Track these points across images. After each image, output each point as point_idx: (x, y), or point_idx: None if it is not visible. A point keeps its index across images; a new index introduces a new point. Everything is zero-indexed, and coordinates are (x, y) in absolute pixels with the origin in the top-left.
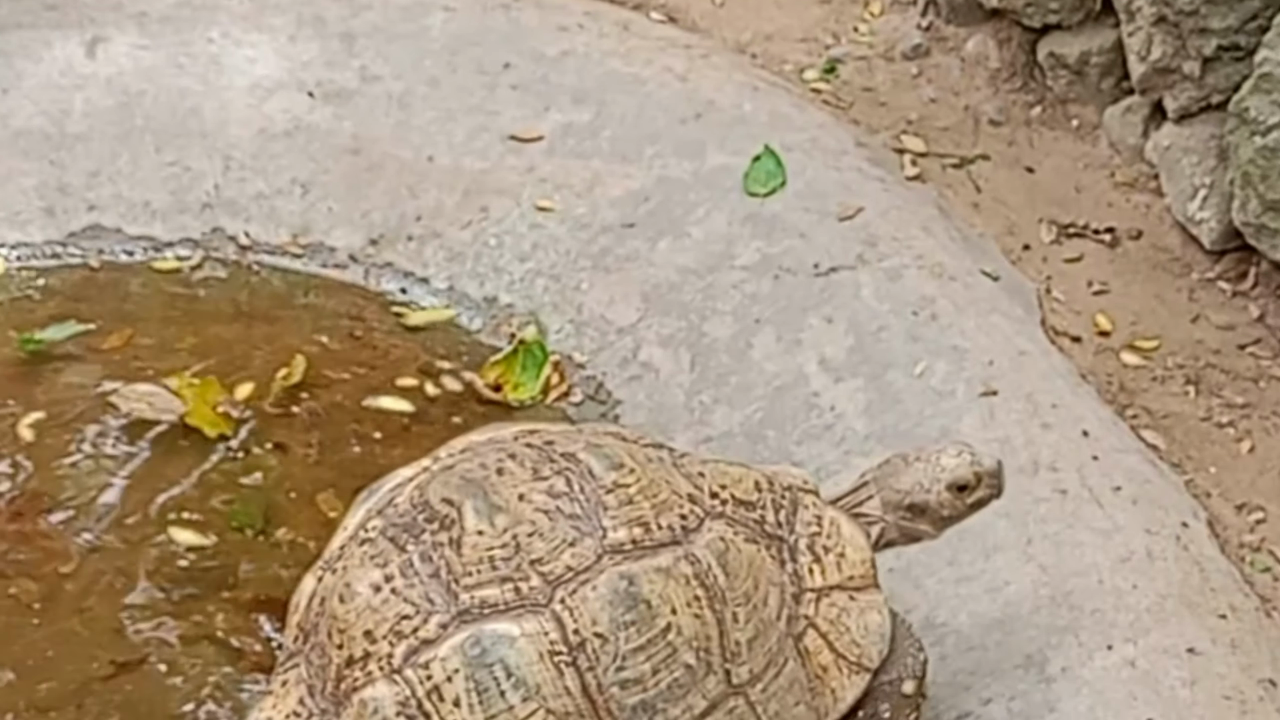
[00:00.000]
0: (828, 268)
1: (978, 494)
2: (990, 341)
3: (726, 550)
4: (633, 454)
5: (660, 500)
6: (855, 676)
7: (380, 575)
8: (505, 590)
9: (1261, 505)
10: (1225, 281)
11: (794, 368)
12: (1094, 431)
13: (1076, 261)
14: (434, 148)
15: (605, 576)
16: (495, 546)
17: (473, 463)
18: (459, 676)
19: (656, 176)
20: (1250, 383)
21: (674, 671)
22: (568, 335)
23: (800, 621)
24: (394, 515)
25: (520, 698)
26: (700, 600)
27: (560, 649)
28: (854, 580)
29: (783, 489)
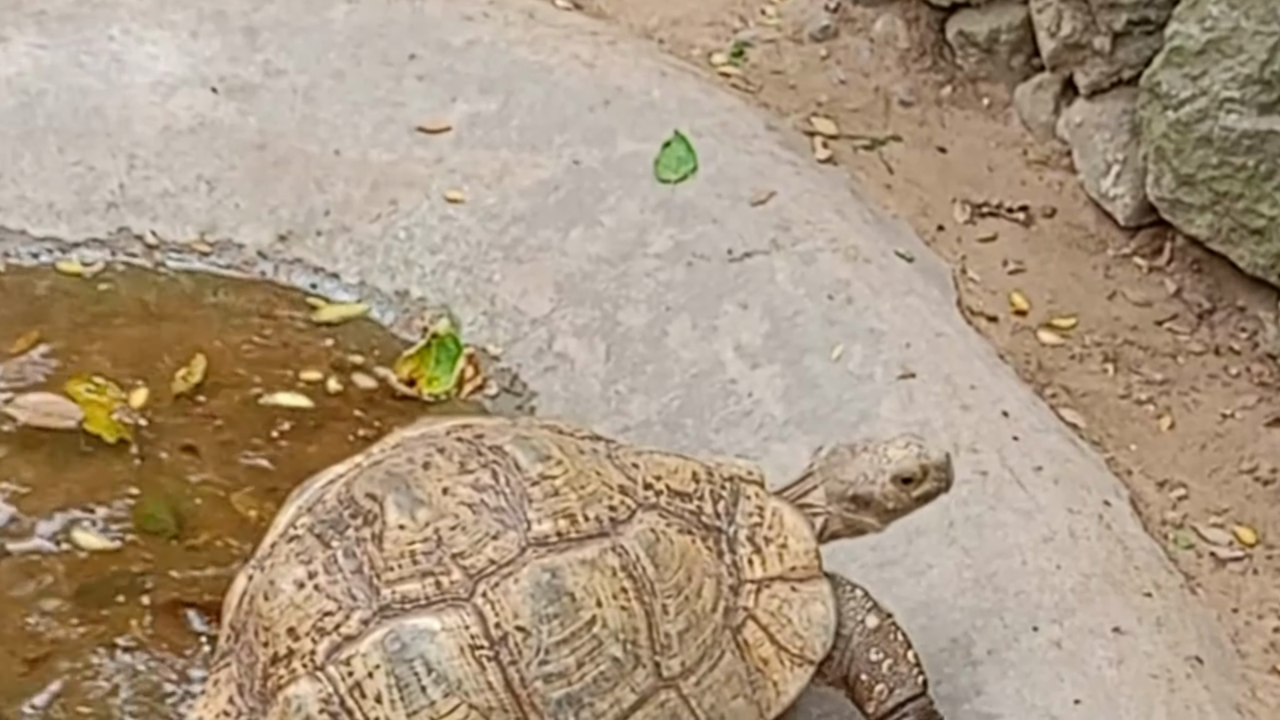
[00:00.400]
0: (741, 253)
1: (924, 487)
2: (907, 323)
3: (656, 541)
4: (563, 446)
5: (589, 492)
6: (798, 669)
7: (304, 572)
8: (426, 585)
9: (1183, 482)
10: (1141, 257)
11: (710, 355)
12: (1014, 412)
13: (991, 241)
14: (341, 141)
15: (528, 569)
16: (416, 541)
17: (400, 458)
18: (380, 672)
19: (566, 165)
20: (1168, 359)
21: (600, 665)
22: (481, 327)
23: (739, 613)
24: (322, 512)
25: (441, 693)
26: (627, 592)
27: (482, 643)
28: (796, 571)
29: (723, 480)
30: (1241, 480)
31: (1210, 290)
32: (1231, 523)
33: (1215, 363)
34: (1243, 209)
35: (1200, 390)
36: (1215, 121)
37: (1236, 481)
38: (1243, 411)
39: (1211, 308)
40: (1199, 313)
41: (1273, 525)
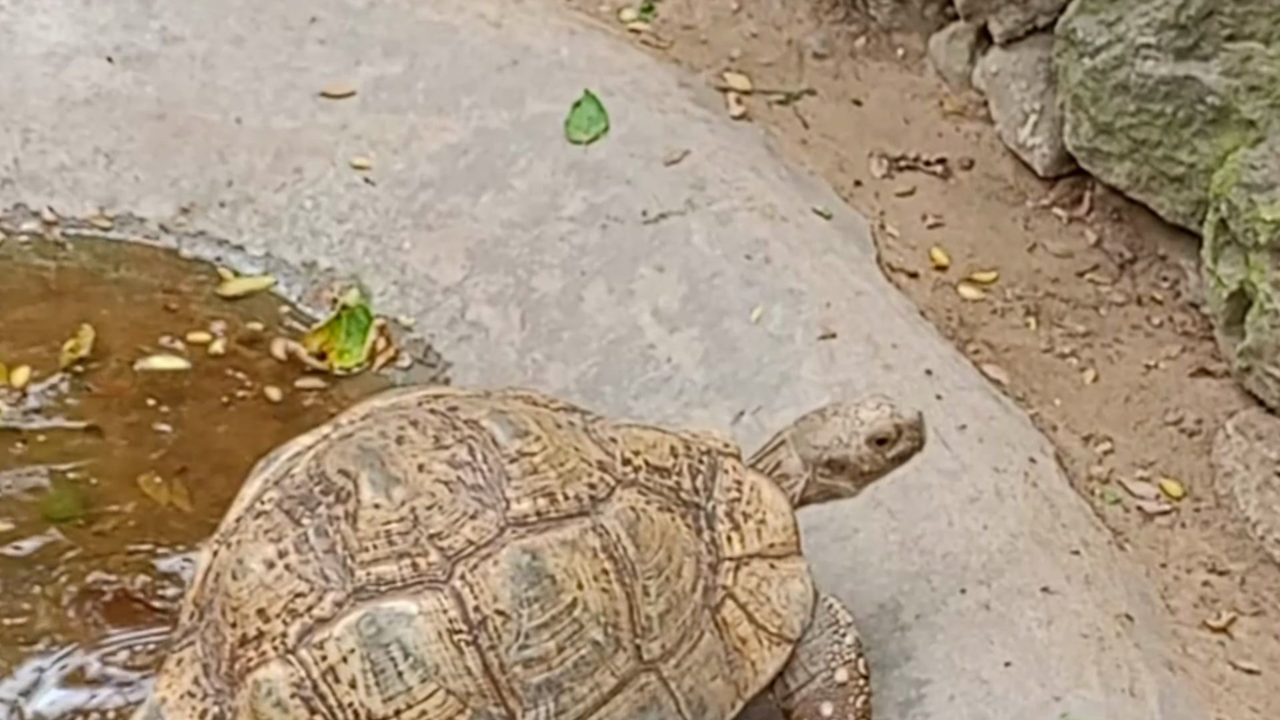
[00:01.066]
0: (656, 214)
1: (898, 447)
2: (826, 282)
3: (638, 520)
4: (540, 420)
5: (568, 469)
6: (776, 648)
7: (274, 551)
8: (403, 566)
9: (1108, 436)
10: (1060, 208)
11: (627, 320)
12: (936, 370)
13: (909, 195)
14: (242, 109)
15: (507, 551)
16: (392, 520)
17: (372, 430)
18: (355, 657)
19: (475, 128)
20: (1091, 310)
21: (580, 649)
22: (392, 298)
23: (718, 592)
24: (290, 486)
25: (419, 679)
26: (608, 574)
27: (460, 627)
28: (775, 548)
29: (701, 453)
30: (1167, 432)
31: (1131, 240)
32: (1158, 476)
33: (1138, 313)
34: (1161, 156)
35: (1123, 341)
36: (1132, 68)
37: (1162, 434)
38: (1166, 362)
39: (1133, 257)
40: (1120, 263)
41: (1199, 477)
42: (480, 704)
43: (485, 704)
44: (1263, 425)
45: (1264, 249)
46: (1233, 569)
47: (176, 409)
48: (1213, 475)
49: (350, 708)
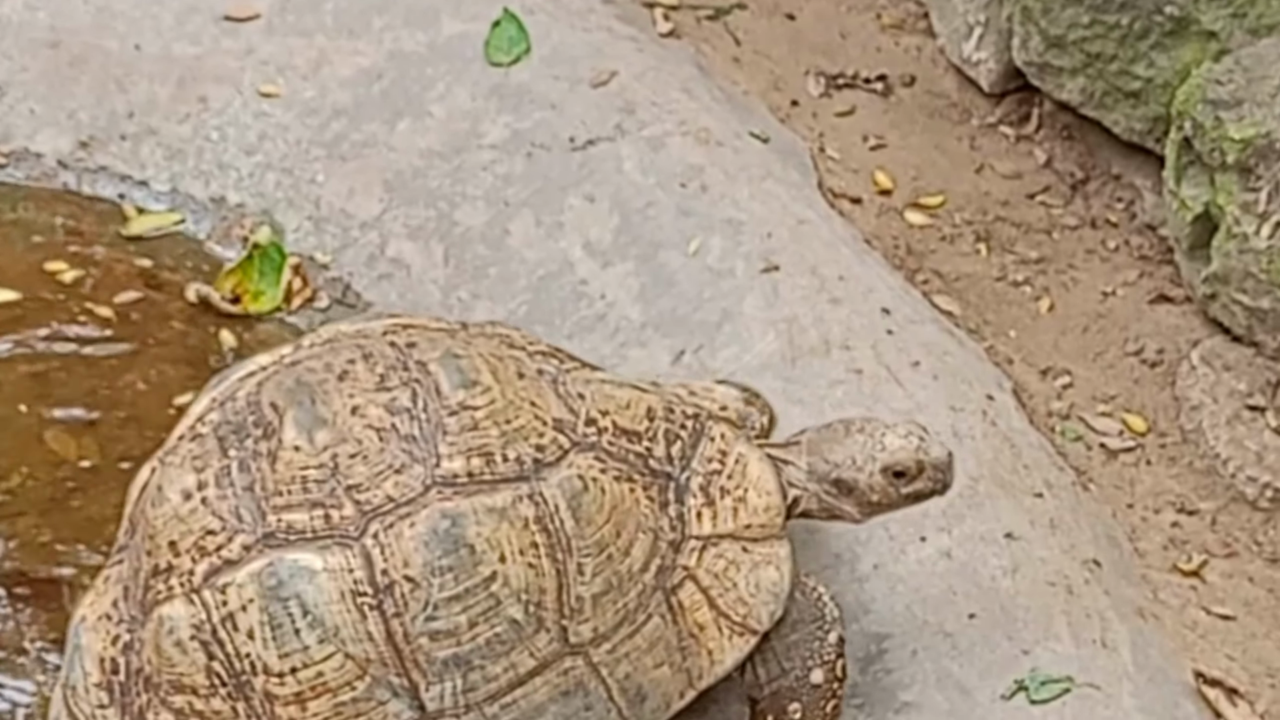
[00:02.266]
0: (584, 141)
1: (916, 485)
2: (767, 211)
3: (584, 490)
4: (498, 368)
5: (514, 427)
6: (738, 638)
7: (194, 481)
8: (314, 516)
9: (1067, 368)
10: (1007, 126)
11: (558, 254)
12: (886, 302)
13: (849, 115)
14: (140, 35)
15: (427, 513)
16: (311, 466)
17: (319, 361)
18: (253, 607)
19: (388, 51)
20: (1043, 235)
21: (495, 626)
22: (307, 234)
23: (676, 573)
24: (230, 411)
25: (316, 639)
26: (538, 548)
27: (365, 589)
28: (751, 530)
29: (686, 417)
30: (1127, 363)
31: (1083, 159)
32: (1120, 410)
33: (1092, 236)
34: (1116, 71)
35: (1078, 267)
36: None
37: (1122, 365)
38: (1124, 288)
39: (1085, 177)
40: (1072, 183)
41: (1163, 411)
42: (381, 672)
43: (386, 673)
44: (1229, 355)
45: (1232, 169)
46: (1202, 508)
47: (83, 357)
48: (1178, 409)
49: (247, 658)
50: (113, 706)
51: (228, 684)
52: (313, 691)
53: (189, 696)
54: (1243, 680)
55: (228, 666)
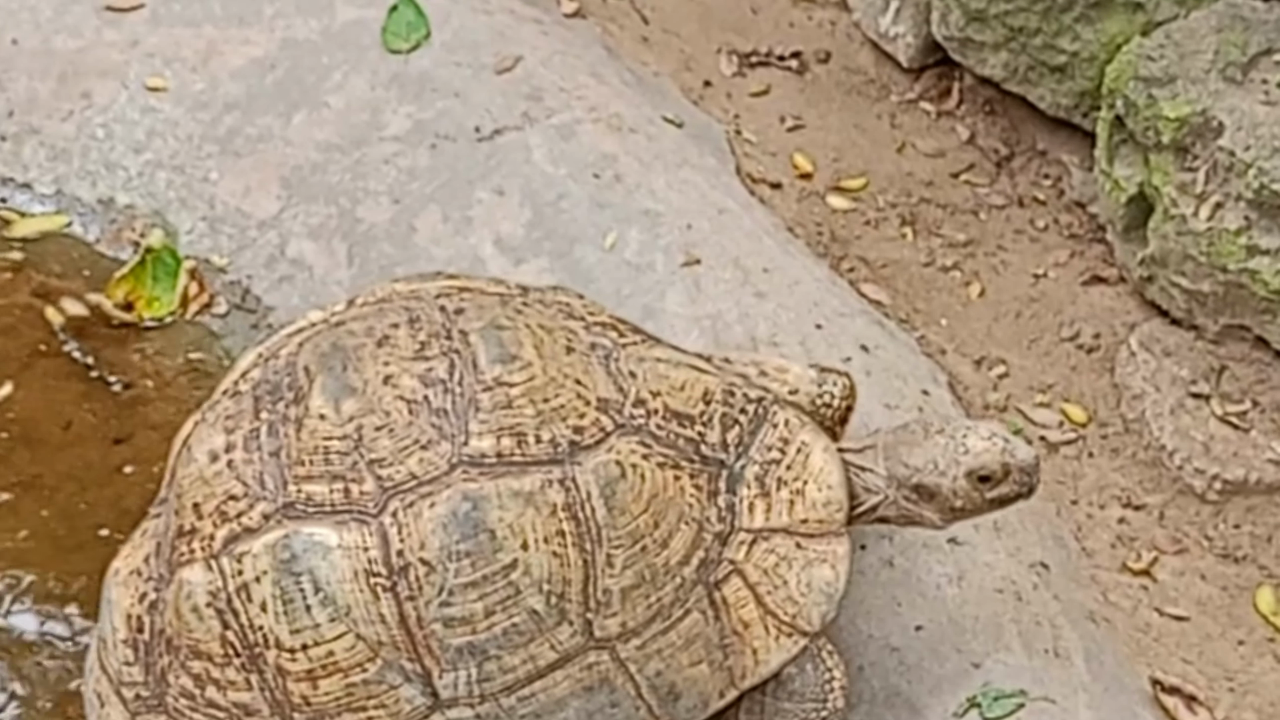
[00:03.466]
0: (491, 130)
1: (1002, 489)
2: (685, 200)
3: (621, 477)
4: (544, 341)
5: (553, 406)
6: (785, 639)
7: (222, 442)
8: (335, 489)
9: (1001, 357)
10: (928, 102)
11: (467, 251)
12: (812, 294)
13: (764, 95)
14: (18, 28)
15: (449, 494)
16: (334, 436)
17: (363, 323)
18: (267, 580)
19: (281, 40)
20: (970, 216)
21: (514, 616)
22: (202, 236)
23: (721, 566)
24: (270, 370)
25: (327, 617)
26: (565, 536)
27: (380, 570)
28: (808, 524)
29: (748, 400)
30: (1064, 350)
31: (1007, 135)
32: (1059, 400)
33: (1020, 216)
34: (1040, 45)
35: (1007, 249)
36: None
37: (1058, 351)
38: (1056, 269)
39: (1010, 154)
40: (997, 160)
41: (1103, 399)
42: (393, 656)
43: (398, 657)
44: (1169, 339)
45: (1167, 149)
46: (1149, 502)
47: None
48: (1119, 397)
49: (260, 630)
50: (137, 665)
51: (241, 655)
52: (324, 670)
53: (205, 663)
54: (1200, 685)
55: (242, 637)
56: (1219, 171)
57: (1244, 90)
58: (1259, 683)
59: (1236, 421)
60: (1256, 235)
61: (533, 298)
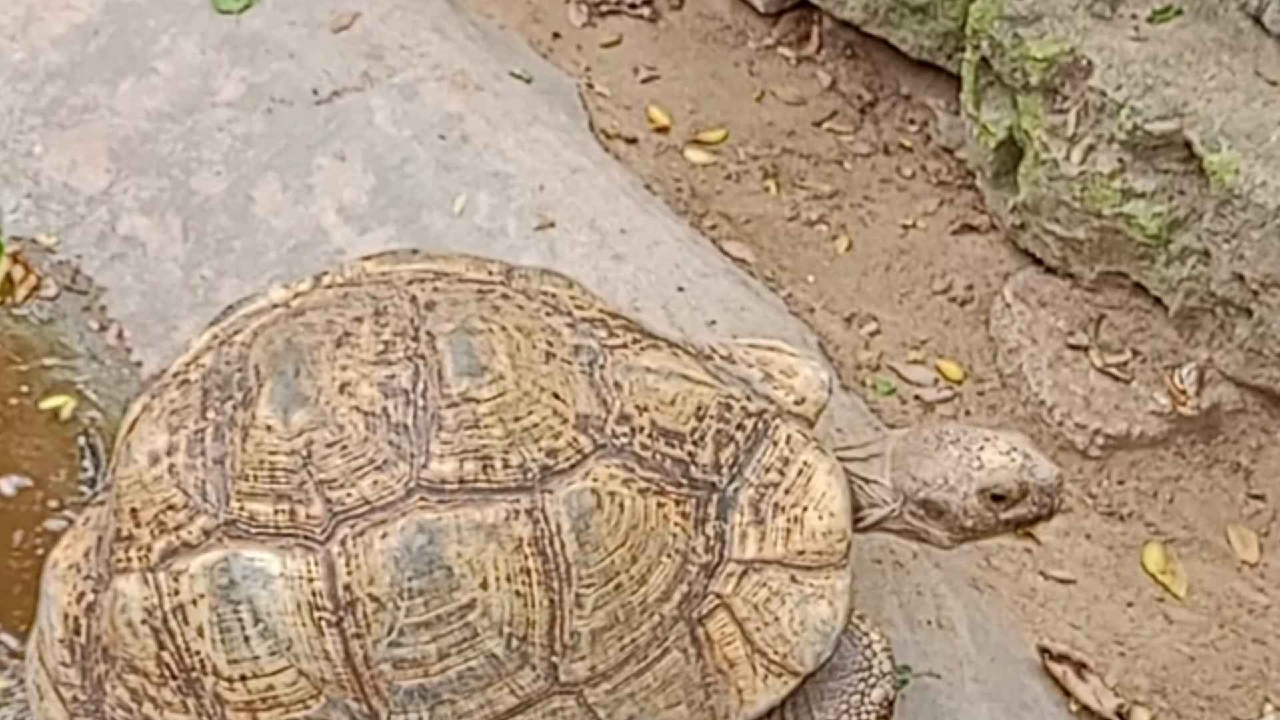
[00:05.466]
0: (329, 93)
1: (1018, 510)
2: (536, 160)
3: (598, 507)
4: (519, 349)
5: (524, 425)
6: (774, 679)
7: (164, 443)
8: (280, 510)
9: (872, 314)
10: (786, 48)
11: (309, 221)
12: (673, 255)
13: (616, 45)
14: None
15: (403, 523)
16: (281, 451)
17: (324, 314)
18: (204, 604)
19: (104, 3)
20: (834, 166)
21: (470, 660)
22: (26, 214)
23: (707, 601)
24: (223, 359)
25: (267, 650)
26: (530, 574)
27: (324, 604)
28: (804, 556)
29: (746, 415)
30: (936, 303)
31: (870, 79)
32: (933, 356)
33: (886, 164)
34: None
35: (874, 200)
36: None
37: (931, 305)
38: (925, 219)
39: (873, 99)
40: (860, 106)
41: (979, 353)
42: (338, 694)
43: (344, 696)
44: (1044, 289)
45: (1036, 91)
46: None
47: None
48: (994, 351)
49: (197, 655)
50: (74, 668)
51: (178, 677)
52: (264, 703)
53: (142, 679)
54: (1090, 651)
55: (178, 659)
56: (1090, 113)
57: (1113, 27)
58: (1150, 645)
59: (1117, 373)
60: (1131, 178)
61: (516, 287)
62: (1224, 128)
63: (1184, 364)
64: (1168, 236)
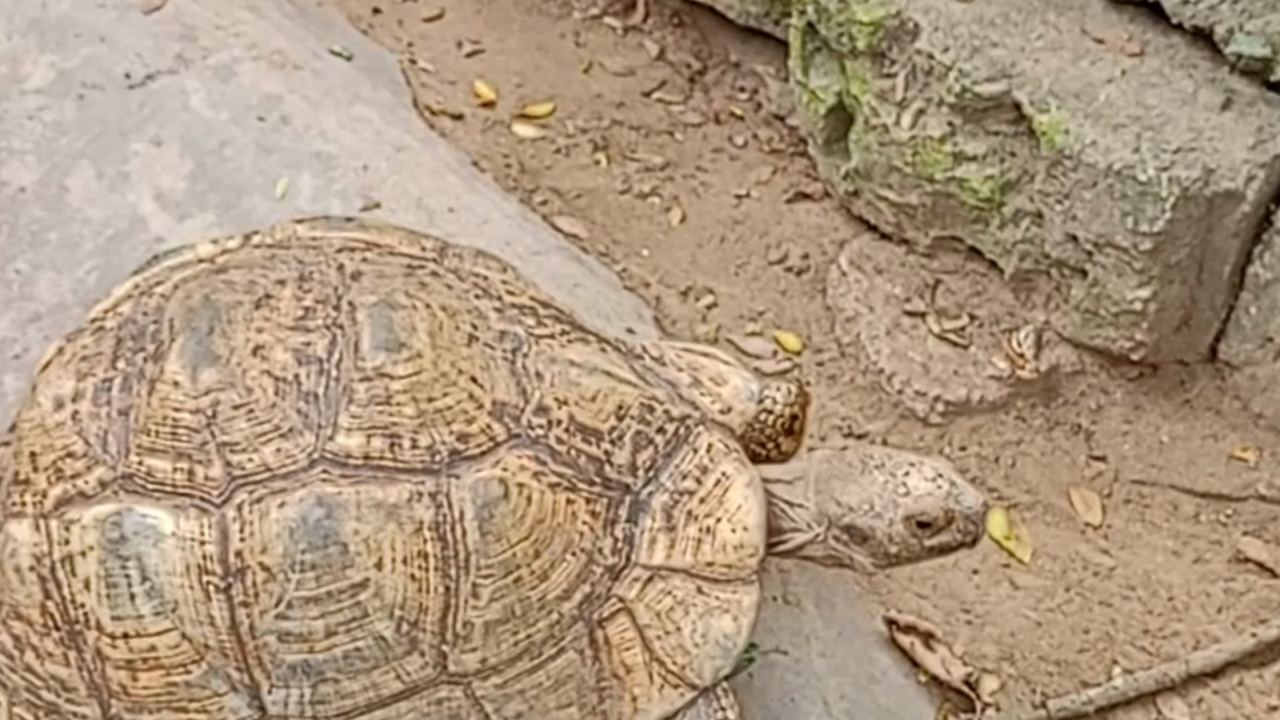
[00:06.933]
0: (143, 76)
1: (942, 537)
2: (359, 140)
3: (504, 497)
4: (440, 328)
5: (438, 406)
6: (671, 690)
7: (71, 389)
8: (178, 469)
9: (708, 286)
10: (613, 17)
11: (126, 209)
12: (504, 233)
13: (438, 19)
14: None
15: (302, 494)
16: (185, 408)
17: (247, 274)
18: (93, 556)
19: None
20: (665, 136)
21: (358, 640)
22: None
23: (609, 604)
24: (141, 309)
25: (152, 609)
26: (428, 559)
27: (214, 568)
28: (714, 568)
29: (668, 419)
30: (772, 273)
31: (698, 48)
32: (770, 328)
33: (717, 133)
34: None
35: (706, 170)
36: None
37: (767, 276)
38: (758, 188)
39: (702, 68)
40: (689, 75)
41: (817, 323)
42: (219, 662)
43: (225, 664)
44: (880, 255)
45: (863, 55)
46: (871, 430)
47: None
48: (832, 320)
49: (82, 608)
50: None
51: (61, 629)
52: (144, 663)
53: (26, 627)
54: (937, 620)
55: (63, 610)
56: (918, 76)
57: None
58: (996, 612)
59: (955, 338)
60: (962, 141)
61: (447, 266)
62: (1052, 88)
63: (1021, 327)
64: (1000, 199)
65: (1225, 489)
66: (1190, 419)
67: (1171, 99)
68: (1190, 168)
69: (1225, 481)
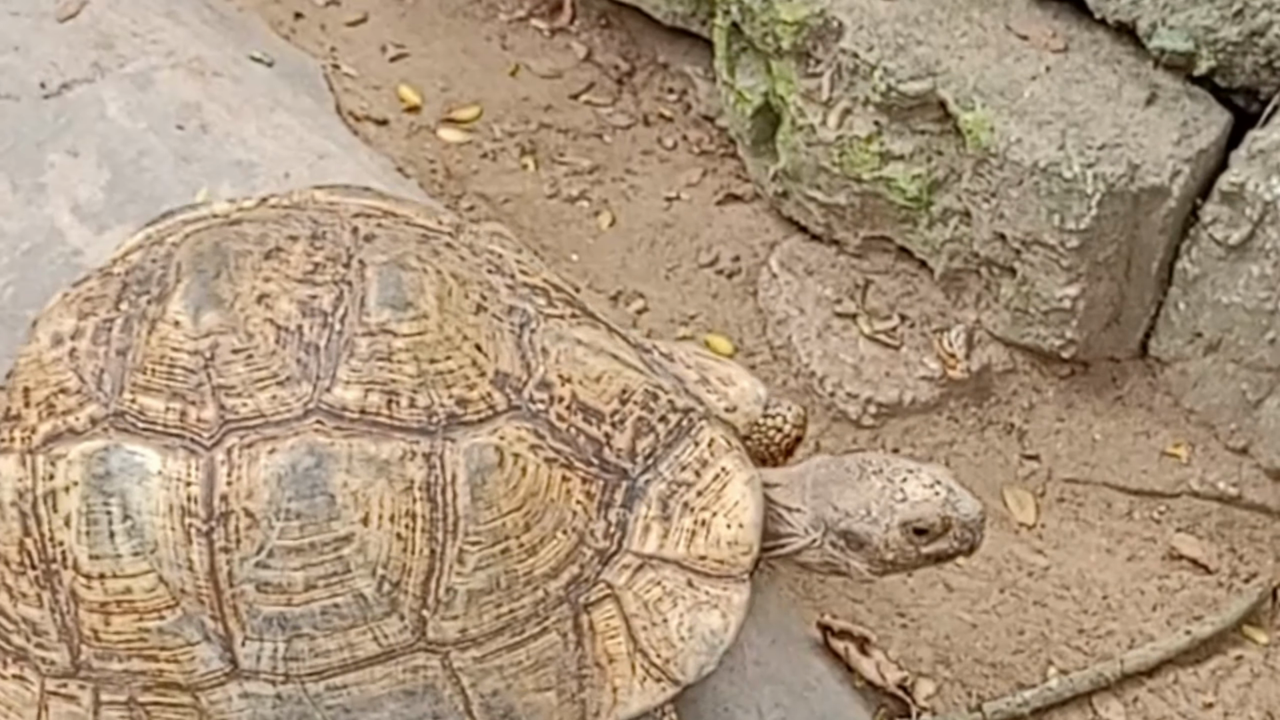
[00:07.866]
0: (58, 85)
1: (939, 544)
2: (281, 147)
3: (498, 465)
4: (450, 293)
5: (440, 369)
6: (653, 683)
7: (71, 327)
8: (171, 408)
9: (639, 290)
10: (539, 19)
11: (43, 222)
12: None
13: (361, 23)
14: None
15: (294, 442)
16: (185, 349)
17: (260, 227)
18: (75, 492)
19: None
20: (594, 139)
21: (337, 595)
22: None
23: (597, 588)
24: (150, 257)
25: (131, 549)
26: (415, 519)
27: (198, 510)
28: (706, 562)
29: (672, 409)
30: (703, 276)
31: (625, 49)
32: (702, 331)
33: (646, 135)
34: None
35: (636, 172)
36: None
37: (698, 279)
38: (689, 190)
39: (630, 69)
40: (617, 77)
41: (748, 326)
42: (195, 609)
43: (200, 611)
44: (810, 257)
45: (788, 55)
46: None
47: None
48: (764, 323)
49: (60, 546)
50: None
51: (37, 568)
52: (118, 606)
53: (2, 566)
54: (871, 624)
55: (40, 548)
56: (844, 76)
57: None
58: (931, 615)
59: (886, 339)
60: (888, 140)
61: (463, 240)
62: (977, 85)
63: (952, 327)
64: (928, 198)
65: (1158, 486)
66: (1122, 416)
67: (1096, 95)
68: (1115, 164)
69: (1158, 478)
